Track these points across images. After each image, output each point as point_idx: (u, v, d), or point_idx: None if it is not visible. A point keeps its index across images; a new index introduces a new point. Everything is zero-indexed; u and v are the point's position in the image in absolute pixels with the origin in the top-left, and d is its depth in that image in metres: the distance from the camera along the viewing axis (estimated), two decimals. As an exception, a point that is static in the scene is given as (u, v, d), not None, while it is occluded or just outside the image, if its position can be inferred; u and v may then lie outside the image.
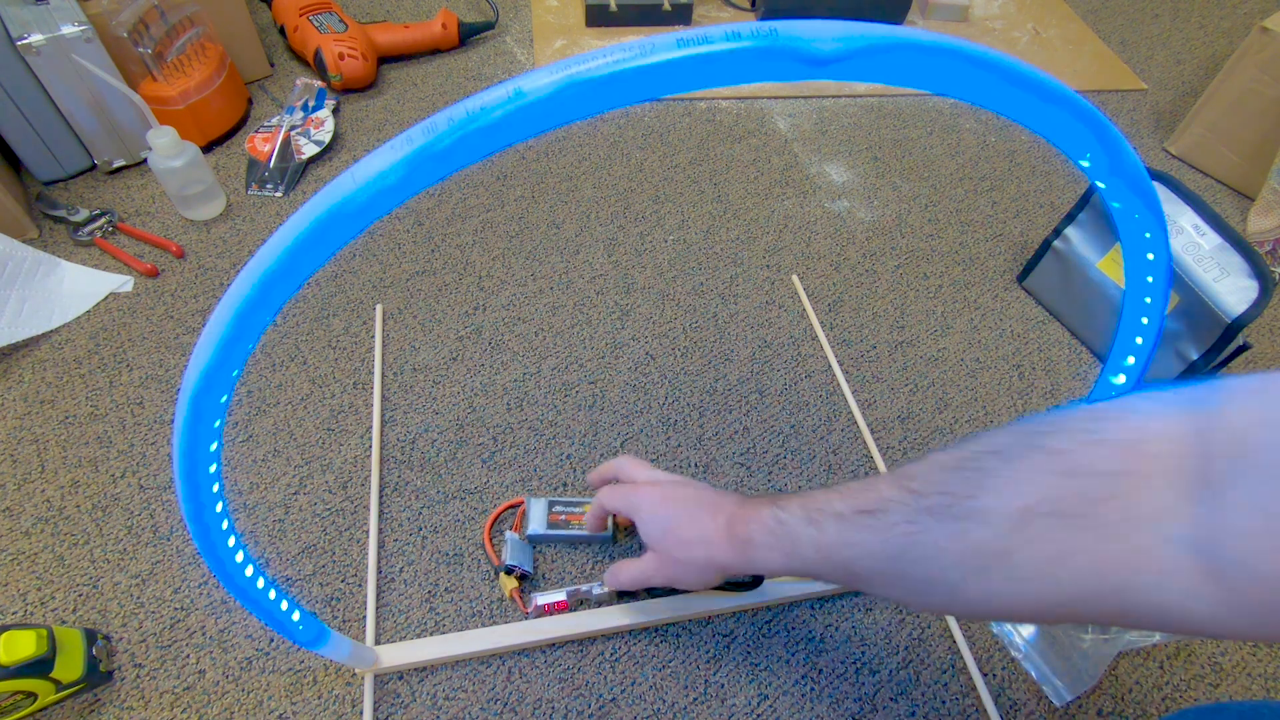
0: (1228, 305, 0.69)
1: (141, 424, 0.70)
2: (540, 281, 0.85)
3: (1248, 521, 0.26)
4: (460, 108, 0.24)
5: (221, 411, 0.30)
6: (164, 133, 0.80)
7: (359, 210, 0.25)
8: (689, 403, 0.76)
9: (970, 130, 1.09)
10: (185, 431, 0.29)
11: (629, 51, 0.24)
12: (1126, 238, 0.37)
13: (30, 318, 0.74)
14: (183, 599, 0.60)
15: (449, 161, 0.25)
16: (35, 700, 0.51)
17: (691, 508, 0.50)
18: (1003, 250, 0.94)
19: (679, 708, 0.58)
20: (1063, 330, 0.86)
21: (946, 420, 0.76)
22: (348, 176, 0.25)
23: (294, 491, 0.67)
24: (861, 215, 0.96)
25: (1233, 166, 1.04)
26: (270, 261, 0.26)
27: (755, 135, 1.05)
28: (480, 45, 1.15)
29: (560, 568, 0.64)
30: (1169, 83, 1.22)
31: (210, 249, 0.84)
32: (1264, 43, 0.95)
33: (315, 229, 0.25)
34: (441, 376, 0.76)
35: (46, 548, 0.62)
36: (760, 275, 0.88)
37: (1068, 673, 0.59)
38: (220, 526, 0.34)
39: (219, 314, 0.27)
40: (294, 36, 1.06)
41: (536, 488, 0.68)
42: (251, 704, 0.55)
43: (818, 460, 0.72)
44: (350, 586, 0.62)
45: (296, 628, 0.42)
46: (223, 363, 0.28)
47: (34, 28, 0.76)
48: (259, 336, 0.28)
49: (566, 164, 0.99)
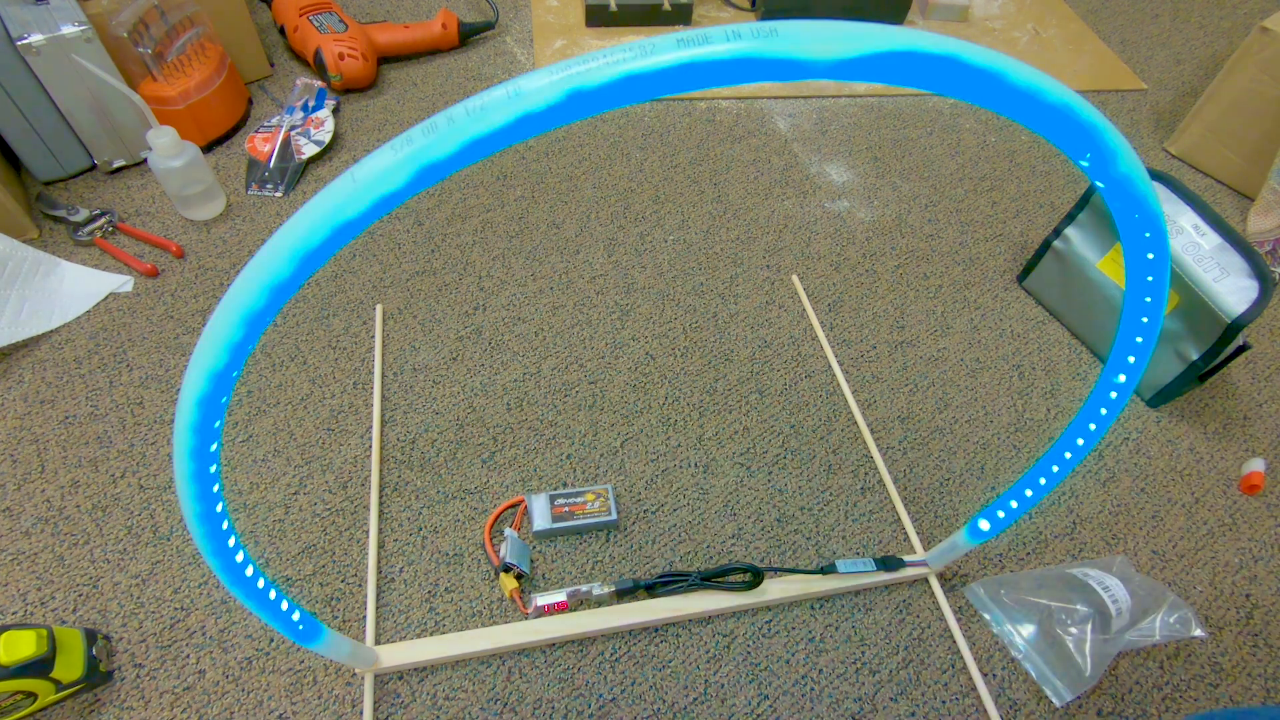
0: (1228, 305, 0.69)
1: (141, 424, 0.70)
2: (540, 281, 0.85)
3: None
4: (460, 108, 0.24)
5: (221, 412, 0.30)
6: (164, 133, 0.80)
7: (362, 218, 0.25)
8: (689, 403, 0.76)
9: (970, 130, 1.09)
10: (192, 434, 0.29)
11: (630, 52, 0.24)
12: (1127, 238, 0.37)
13: (30, 318, 0.74)
14: (183, 599, 0.60)
15: (450, 164, 0.25)
16: (35, 700, 0.51)
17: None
18: (1003, 250, 0.94)
19: (679, 708, 0.58)
20: (1063, 330, 0.86)
21: (946, 420, 0.77)
22: (348, 178, 0.25)
23: (294, 491, 0.67)
24: (861, 215, 0.96)
25: (1233, 166, 1.04)
26: (281, 272, 0.26)
27: (755, 135, 1.05)
28: (480, 45, 1.15)
29: (560, 568, 0.64)
30: (1169, 83, 1.22)
31: (210, 249, 0.84)
32: (1264, 43, 0.95)
33: (327, 241, 0.25)
34: (441, 376, 0.76)
35: (46, 548, 0.62)
36: (760, 275, 0.88)
37: (1068, 673, 0.59)
38: (221, 526, 0.34)
39: (223, 317, 0.27)
40: (294, 36, 1.06)
41: (536, 487, 0.68)
42: (251, 704, 0.56)
43: (818, 460, 0.72)
44: (350, 586, 0.62)
45: (296, 627, 0.42)
46: (230, 365, 0.28)
47: (34, 28, 0.76)
48: (259, 337, 0.28)
49: (566, 164, 0.99)
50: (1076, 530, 0.70)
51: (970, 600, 0.64)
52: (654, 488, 0.69)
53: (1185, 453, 0.76)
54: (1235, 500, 0.73)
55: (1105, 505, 0.71)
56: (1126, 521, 0.71)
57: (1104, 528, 0.70)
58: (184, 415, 0.29)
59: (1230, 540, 0.70)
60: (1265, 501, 0.73)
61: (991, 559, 0.67)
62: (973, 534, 0.58)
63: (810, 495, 0.70)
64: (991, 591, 0.64)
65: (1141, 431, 0.77)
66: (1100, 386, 0.45)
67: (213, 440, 0.31)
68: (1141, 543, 0.69)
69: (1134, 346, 0.42)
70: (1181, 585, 0.67)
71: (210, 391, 0.29)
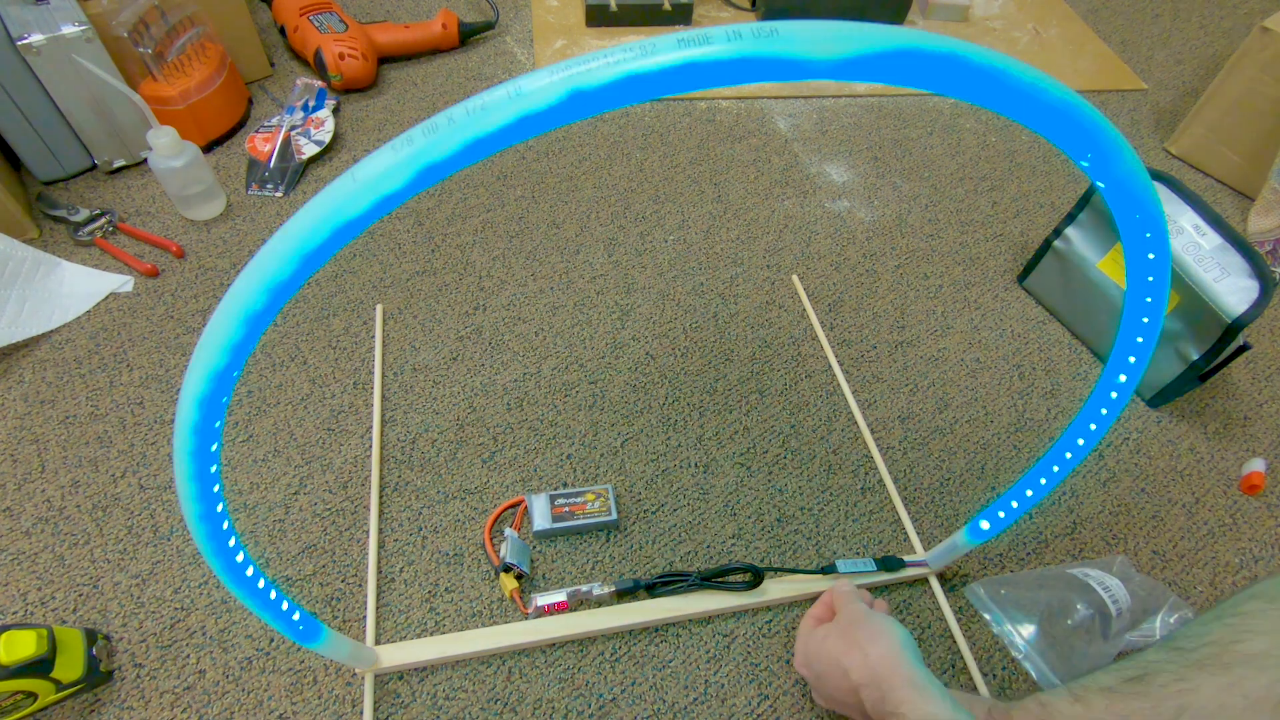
0: (1228, 305, 0.69)
1: (141, 424, 0.70)
2: (540, 281, 0.85)
3: None
4: (460, 108, 0.24)
5: (222, 412, 0.30)
6: (164, 133, 0.80)
7: (362, 218, 0.25)
8: (689, 403, 0.76)
9: (970, 130, 1.09)
10: (192, 434, 0.29)
11: (630, 52, 0.24)
12: (1127, 237, 0.37)
13: (30, 318, 0.74)
14: (183, 599, 0.60)
15: (451, 164, 0.25)
16: (35, 700, 0.51)
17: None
18: (1003, 250, 0.94)
19: (679, 708, 0.58)
20: (1063, 330, 0.86)
21: (946, 420, 0.76)
22: (349, 178, 0.25)
23: (294, 491, 0.67)
24: (861, 215, 0.96)
25: (1233, 166, 1.04)
26: (282, 272, 0.26)
27: (755, 135, 1.05)
28: (480, 45, 1.15)
29: (560, 568, 0.64)
30: (1169, 83, 1.22)
31: (210, 249, 0.84)
32: (1264, 43, 0.95)
33: (328, 241, 0.25)
34: (441, 376, 0.76)
35: (46, 548, 0.62)
36: (760, 275, 0.88)
37: (1068, 673, 0.59)
38: (221, 526, 0.34)
39: (223, 317, 0.27)
40: (294, 36, 1.06)
41: (536, 487, 0.68)
42: (251, 704, 0.56)
43: (818, 460, 0.72)
44: (350, 586, 0.62)
45: (297, 627, 0.42)
46: (230, 366, 0.28)
47: (34, 28, 0.76)
48: (259, 337, 0.28)
49: (566, 164, 0.99)
50: (1077, 530, 0.70)
51: (970, 600, 0.64)
52: (654, 488, 0.69)
53: (1185, 453, 0.76)
54: (1235, 500, 0.73)
55: (1105, 505, 0.71)
56: (1127, 521, 0.71)
57: (1104, 528, 0.70)
58: (184, 416, 0.29)
59: (1230, 540, 0.70)
60: (1265, 501, 0.73)
61: (991, 559, 0.67)
62: (973, 534, 0.58)
63: (810, 495, 0.70)
64: (991, 591, 0.64)
65: (1142, 431, 0.77)
66: (1101, 387, 0.45)
67: (213, 440, 0.31)
68: (1142, 543, 0.69)
69: (1134, 347, 0.42)
70: (1181, 585, 0.67)
71: (211, 392, 0.29)
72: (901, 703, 0.42)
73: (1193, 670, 0.33)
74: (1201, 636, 0.34)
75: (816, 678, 0.52)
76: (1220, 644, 0.33)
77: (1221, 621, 0.33)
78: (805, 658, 0.54)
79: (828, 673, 0.50)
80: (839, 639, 0.50)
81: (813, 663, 0.52)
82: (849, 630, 0.50)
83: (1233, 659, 0.32)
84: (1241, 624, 0.32)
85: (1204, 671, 0.33)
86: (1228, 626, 0.33)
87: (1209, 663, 0.33)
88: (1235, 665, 0.32)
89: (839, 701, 0.51)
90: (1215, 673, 0.32)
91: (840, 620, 0.53)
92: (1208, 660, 0.33)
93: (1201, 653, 0.33)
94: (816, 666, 0.52)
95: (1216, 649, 0.33)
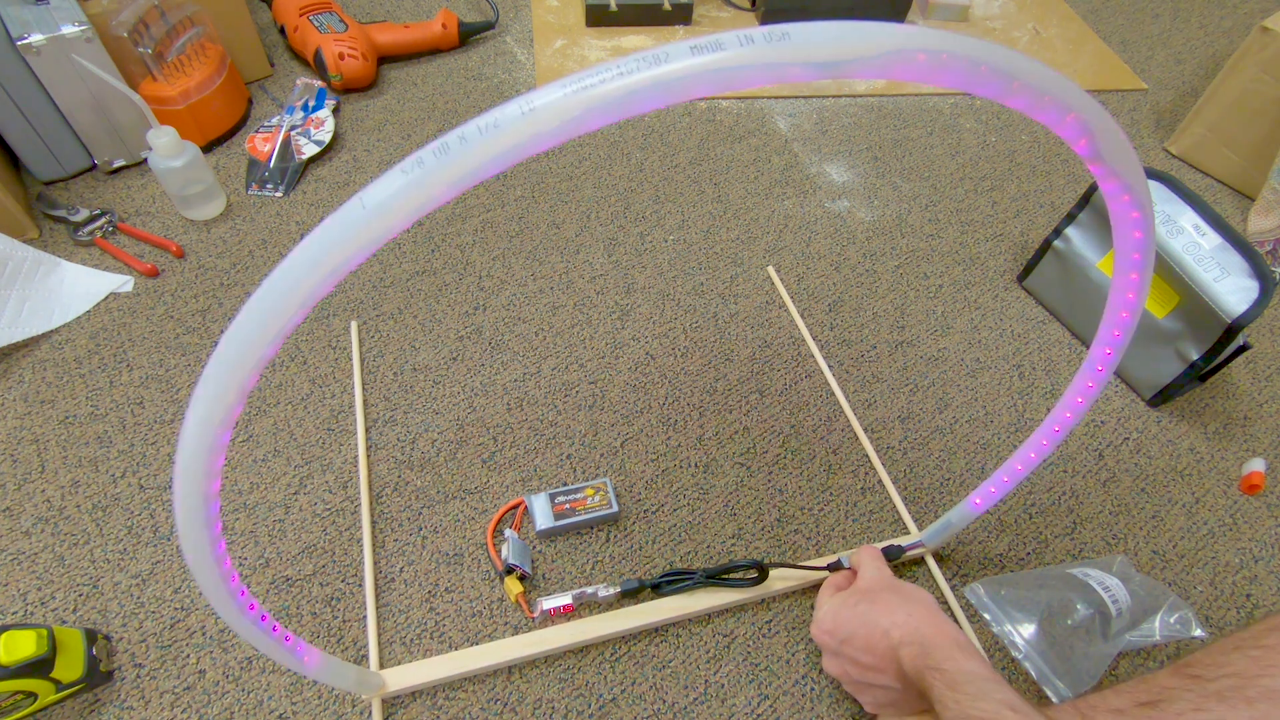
0: (1228, 305, 0.69)
1: (141, 424, 0.70)
2: (540, 281, 0.85)
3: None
4: (473, 126, 0.24)
5: (220, 455, 0.31)
6: (164, 133, 0.80)
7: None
8: (689, 403, 0.76)
9: (970, 130, 1.09)
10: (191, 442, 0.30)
11: (642, 62, 0.24)
12: (1117, 225, 0.37)
13: (30, 318, 0.74)
14: (183, 599, 0.60)
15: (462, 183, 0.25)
16: (35, 700, 0.51)
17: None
18: (1003, 250, 0.94)
19: (679, 708, 0.58)
20: (1063, 330, 0.86)
21: (946, 420, 0.76)
22: (357, 204, 0.26)
23: (294, 491, 0.67)
24: (861, 215, 0.96)
25: (1233, 166, 1.04)
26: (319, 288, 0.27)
27: (755, 135, 1.05)
28: (480, 45, 1.15)
29: (561, 568, 0.64)
30: (1169, 83, 1.22)
31: (210, 249, 0.84)
32: (1264, 42, 0.95)
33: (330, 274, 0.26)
34: (441, 376, 0.76)
35: (46, 548, 0.62)
36: (760, 275, 0.88)
37: (1068, 673, 0.59)
38: (225, 567, 0.34)
39: (246, 326, 0.27)
40: (294, 36, 1.06)
41: (536, 487, 0.68)
42: (251, 704, 0.56)
43: (818, 460, 0.72)
44: (350, 586, 0.62)
45: (300, 660, 0.42)
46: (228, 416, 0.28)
47: (34, 28, 0.76)
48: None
49: (566, 164, 0.99)
50: (1076, 530, 0.70)
51: (970, 600, 0.64)
52: (654, 487, 0.69)
53: (1185, 453, 0.76)
54: (1235, 500, 0.73)
55: (1105, 505, 0.71)
56: (1126, 521, 0.71)
57: (1104, 528, 0.70)
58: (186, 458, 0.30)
59: (1230, 540, 0.70)
60: (1265, 501, 0.73)
61: (991, 559, 0.67)
62: (967, 508, 0.59)
63: (810, 495, 0.70)
64: (991, 591, 0.64)
65: (1142, 431, 0.77)
66: (1104, 328, 0.45)
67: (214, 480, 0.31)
68: (1141, 543, 0.69)
69: (1112, 339, 0.43)
70: (1181, 585, 0.67)
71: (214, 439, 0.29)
72: (946, 659, 0.44)
73: (1212, 701, 0.33)
74: (1221, 666, 0.33)
75: (841, 641, 0.52)
76: (1244, 676, 0.32)
77: (1243, 653, 0.33)
78: (831, 621, 0.54)
79: (859, 633, 0.51)
80: (870, 603, 0.52)
81: (841, 625, 0.53)
82: (881, 594, 0.52)
83: (1257, 693, 0.31)
84: (1264, 658, 0.32)
85: (1225, 703, 0.32)
86: (1251, 659, 0.32)
87: (1230, 695, 0.32)
88: (1259, 700, 0.31)
89: (861, 664, 0.51)
90: (1237, 706, 0.32)
91: (867, 583, 0.54)
92: (1228, 692, 0.32)
93: (1221, 683, 0.33)
94: (844, 629, 0.52)
95: (1238, 681, 0.32)
